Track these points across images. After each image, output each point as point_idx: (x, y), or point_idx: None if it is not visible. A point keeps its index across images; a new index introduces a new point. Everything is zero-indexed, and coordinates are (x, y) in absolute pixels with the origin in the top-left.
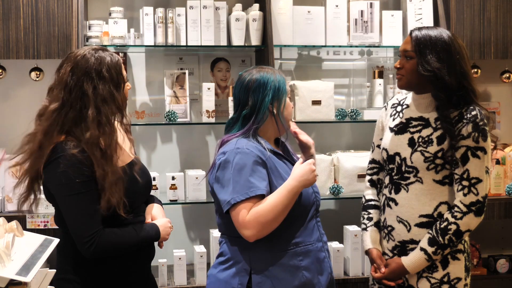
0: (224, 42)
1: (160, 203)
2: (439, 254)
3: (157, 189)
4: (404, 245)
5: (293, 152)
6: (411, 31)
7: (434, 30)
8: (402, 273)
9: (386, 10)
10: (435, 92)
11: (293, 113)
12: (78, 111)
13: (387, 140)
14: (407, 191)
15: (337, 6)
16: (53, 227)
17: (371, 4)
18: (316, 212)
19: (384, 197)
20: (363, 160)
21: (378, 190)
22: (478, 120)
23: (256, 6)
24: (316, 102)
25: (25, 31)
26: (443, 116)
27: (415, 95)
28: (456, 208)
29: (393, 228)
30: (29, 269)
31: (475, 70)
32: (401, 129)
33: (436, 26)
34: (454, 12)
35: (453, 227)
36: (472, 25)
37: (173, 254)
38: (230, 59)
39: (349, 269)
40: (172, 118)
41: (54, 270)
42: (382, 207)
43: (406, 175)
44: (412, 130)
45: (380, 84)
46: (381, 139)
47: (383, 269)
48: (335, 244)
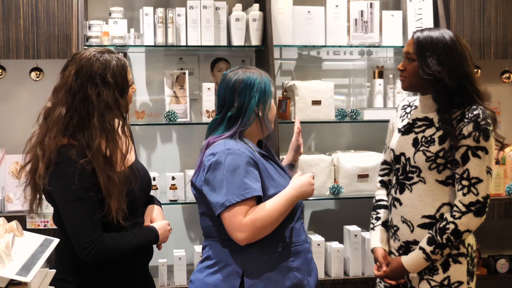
0: (224, 42)
1: (160, 205)
2: (438, 254)
3: (157, 189)
4: (408, 246)
5: (276, 156)
6: (414, 33)
7: (436, 32)
8: (402, 272)
9: (386, 10)
10: (435, 95)
11: (293, 113)
12: (82, 117)
13: (395, 141)
14: (411, 191)
15: (337, 6)
16: (53, 227)
17: (371, 4)
18: (301, 213)
19: (391, 197)
20: (363, 160)
21: (389, 191)
22: (480, 120)
23: (256, 6)
24: (316, 102)
25: (25, 31)
26: (443, 119)
27: (421, 96)
28: (455, 208)
29: (398, 228)
30: (29, 269)
31: (475, 70)
32: (407, 130)
33: (439, 27)
34: (454, 12)
35: (451, 227)
36: (472, 25)
37: (173, 254)
38: (230, 59)
39: (349, 269)
40: (172, 118)
41: (54, 270)
42: (389, 207)
43: (410, 175)
44: (417, 130)
45: (380, 84)
46: None
47: (385, 268)
48: (335, 244)
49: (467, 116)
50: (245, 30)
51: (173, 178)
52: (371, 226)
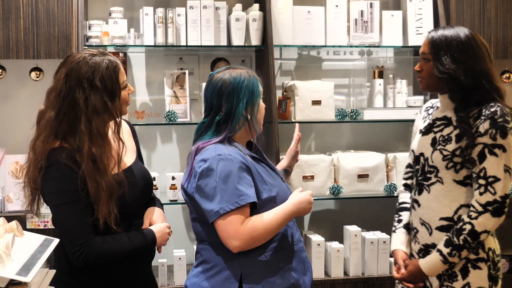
0: (224, 42)
1: (161, 207)
2: (455, 256)
3: (157, 189)
4: (427, 249)
5: (267, 156)
6: (428, 33)
7: (451, 30)
8: (420, 275)
9: (386, 10)
10: (451, 94)
11: (293, 113)
12: (71, 121)
13: (416, 142)
14: (429, 192)
15: (337, 6)
16: (53, 227)
17: (371, 4)
18: None
19: (411, 199)
20: (363, 160)
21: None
22: (497, 117)
23: (256, 6)
24: (316, 102)
25: (25, 31)
26: (460, 117)
27: (440, 96)
28: (472, 208)
29: (418, 231)
30: (29, 269)
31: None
32: (427, 130)
33: (455, 26)
34: (454, 12)
35: (468, 227)
36: (472, 25)
37: (173, 254)
38: (230, 59)
39: (349, 269)
40: (172, 118)
41: (54, 270)
42: (410, 209)
43: (428, 175)
44: (436, 130)
45: (380, 84)
46: None
47: (403, 270)
48: (335, 244)
49: (484, 113)
50: (245, 30)
51: (173, 178)
52: (393, 229)
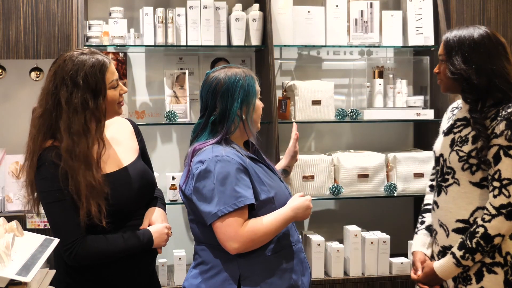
0: (224, 42)
1: (163, 207)
2: (469, 259)
3: None
4: (445, 251)
5: (264, 155)
6: (445, 34)
7: (465, 30)
8: (434, 278)
9: (386, 10)
10: (463, 95)
11: (293, 113)
12: (54, 119)
13: (437, 143)
14: (446, 194)
15: (337, 6)
16: None
17: (371, 4)
18: None
19: (432, 201)
20: (363, 160)
21: None
22: None
23: (256, 6)
24: (316, 102)
25: (25, 31)
26: (474, 118)
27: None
28: (485, 210)
29: (437, 232)
30: (29, 269)
31: None
32: (449, 131)
33: (476, 25)
34: (454, 12)
35: (481, 230)
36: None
37: (173, 254)
38: (230, 59)
39: (349, 269)
40: (172, 118)
41: (54, 270)
42: (431, 211)
43: (446, 177)
44: (455, 131)
45: (380, 84)
46: None
47: (419, 272)
48: (335, 244)
49: (501, 114)
50: (245, 30)
51: (173, 178)
52: (416, 230)
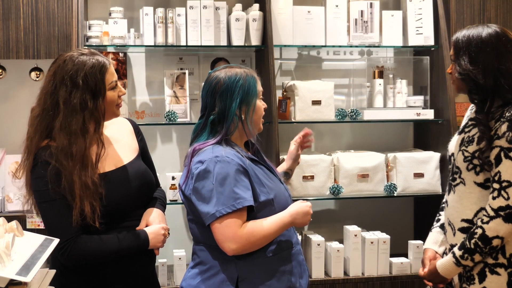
0: (224, 42)
1: (162, 208)
2: (468, 260)
3: None
4: (452, 250)
5: (264, 155)
6: (455, 34)
7: (474, 29)
8: (437, 275)
9: (386, 10)
10: (469, 95)
11: (293, 113)
12: (51, 118)
13: (451, 142)
14: (454, 193)
15: (337, 6)
16: None
17: (371, 4)
18: None
19: (445, 199)
20: (363, 160)
21: None
22: None
23: (256, 6)
24: (316, 102)
25: (25, 31)
26: (478, 119)
27: None
28: (484, 212)
29: (446, 231)
30: (29, 269)
31: None
32: (461, 130)
33: (487, 24)
34: (454, 12)
35: (479, 231)
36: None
37: (173, 254)
38: (230, 59)
39: (349, 269)
40: (172, 118)
41: (54, 270)
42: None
43: (455, 176)
44: (466, 130)
45: (380, 84)
46: None
47: (425, 269)
48: (335, 244)
49: (504, 116)
50: (245, 30)
51: (173, 178)
52: (431, 228)
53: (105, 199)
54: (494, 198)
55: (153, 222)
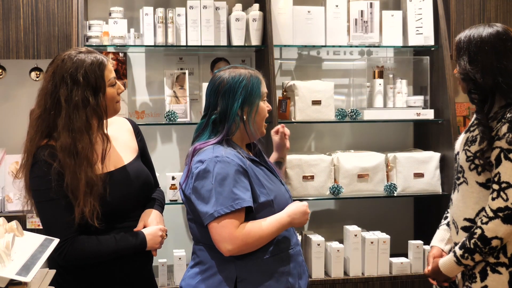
0: (224, 42)
1: (160, 209)
2: (468, 259)
3: None
4: (453, 249)
5: (267, 157)
6: (458, 34)
7: (475, 29)
8: (439, 273)
9: (386, 10)
10: (469, 95)
11: (293, 113)
12: (52, 118)
13: (458, 140)
14: (458, 192)
15: (337, 6)
16: None
17: (371, 4)
18: None
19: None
20: (363, 160)
21: None
22: None
23: (256, 6)
24: (316, 102)
25: (25, 31)
26: (478, 120)
27: None
28: (483, 212)
29: (451, 229)
30: (29, 269)
31: None
32: (467, 129)
33: (489, 23)
34: (454, 12)
35: (478, 232)
36: (472, 25)
37: (173, 254)
38: (230, 59)
39: (349, 269)
40: (172, 118)
41: (54, 270)
42: None
43: (459, 175)
44: (471, 129)
45: (380, 84)
46: None
47: (429, 267)
48: (335, 244)
49: (505, 116)
50: (245, 30)
51: (173, 178)
52: (439, 225)
53: (105, 199)
54: (494, 199)
55: (151, 223)
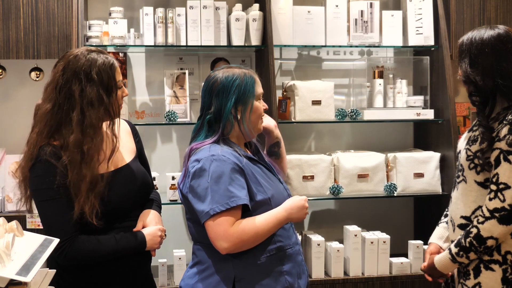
0: (224, 42)
1: (159, 209)
2: (463, 257)
3: (157, 189)
4: (449, 246)
5: (265, 154)
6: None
7: (477, 31)
8: (434, 270)
9: (386, 10)
10: (470, 98)
11: (293, 113)
12: (65, 112)
13: (461, 139)
14: (457, 190)
15: (337, 6)
16: None
17: (371, 4)
18: None
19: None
20: (363, 160)
21: None
22: None
23: (256, 6)
24: (316, 102)
25: (25, 31)
26: (479, 121)
27: None
28: (480, 212)
29: (449, 226)
30: (29, 269)
31: None
32: (471, 129)
33: (491, 25)
34: (454, 12)
35: (474, 231)
36: (472, 25)
37: (173, 254)
38: (230, 59)
39: (349, 269)
40: (172, 118)
41: (54, 270)
42: None
43: (459, 173)
44: (474, 129)
45: (380, 84)
46: None
47: (425, 263)
48: (335, 244)
49: (506, 118)
50: (245, 30)
51: (173, 178)
52: (438, 222)
53: (105, 199)
54: (491, 200)
55: (150, 224)
